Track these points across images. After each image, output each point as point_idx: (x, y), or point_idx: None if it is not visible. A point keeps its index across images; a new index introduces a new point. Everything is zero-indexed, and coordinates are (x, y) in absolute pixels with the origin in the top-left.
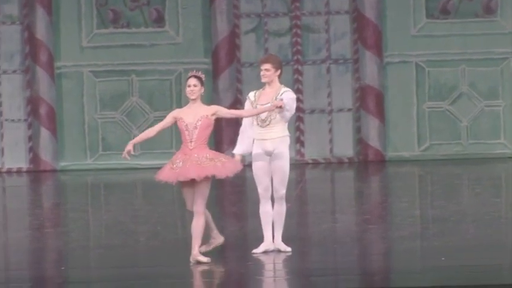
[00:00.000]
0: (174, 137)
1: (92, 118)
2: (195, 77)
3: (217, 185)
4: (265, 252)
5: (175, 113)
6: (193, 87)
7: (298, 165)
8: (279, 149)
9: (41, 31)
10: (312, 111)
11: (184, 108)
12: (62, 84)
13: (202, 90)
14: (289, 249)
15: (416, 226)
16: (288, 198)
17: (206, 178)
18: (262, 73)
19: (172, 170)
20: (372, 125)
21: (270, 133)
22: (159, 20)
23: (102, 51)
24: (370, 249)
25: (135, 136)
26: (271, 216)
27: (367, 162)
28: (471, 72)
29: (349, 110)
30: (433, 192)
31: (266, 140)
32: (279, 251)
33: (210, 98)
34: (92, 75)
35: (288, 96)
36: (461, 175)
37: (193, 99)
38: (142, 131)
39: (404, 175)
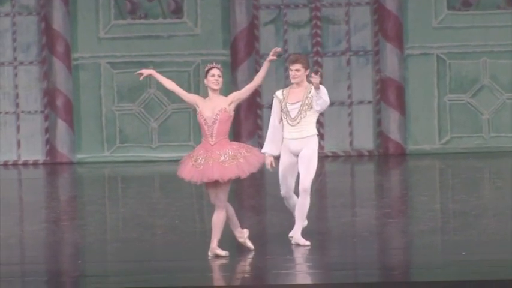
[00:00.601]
0: (192, 129)
1: (109, 110)
2: (218, 68)
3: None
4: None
5: (198, 99)
6: (217, 77)
7: (318, 158)
8: (307, 146)
9: (57, 22)
10: (332, 104)
11: (206, 100)
12: (79, 76)
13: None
14: (308, 243)
15: (436, 220)
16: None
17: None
18: (292, 74)
19: (194, 168)
20: (392, 118)
21: (300, 132)
22: (178, 11)
23: (119, 42)
24: (390, 243)
25: (153, 129)
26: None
27: (388, 156)
28: (493, 65)
29: (369, 102)
30: (453, 186)
31: (295, 140)
32: (298, 245)
33: (228, 89)
34: (110, 66)
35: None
36: (482, 169)
37: (215, 90)
38: (160, 123)
39: (425, 168)
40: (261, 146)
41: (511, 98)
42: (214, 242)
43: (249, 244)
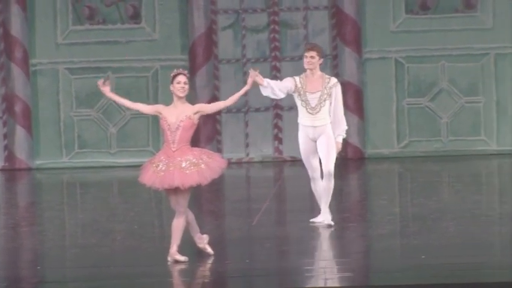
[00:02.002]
0: (150, 135)
1: (67, 116)
2: (184, 74)
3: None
4: (320, 223)
5: (161, 108)
6: (183, 84)
7: (276, 163)
8: (324, 133)
9: (15, 28)
10: (290, 108)
11: (170, 107)
12: (37, 82)
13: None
14: (332, 222)
15: (395, 224)
16: (265, 197)
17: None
18: (307, 60)
19: (156, 174)
20: (350, 122)
21: (319, 120)
22: (135, 17)
23: (77, 48)
24: (349, 247)
25: (111, 134)
26: (323, 192)
27: (346, 160)
28: (451, 68)
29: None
30: (412, 190)
31: (313, 127)
32: (330, 226)
33: (187, 95)
34: (68, 72)
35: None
36: (441, 172)
37: (181, 97)
38: (119, 129)
39: (384, 172)
40: (220, 151)
41: (469, 101)
42: (173, 248)
43: (209, 249)
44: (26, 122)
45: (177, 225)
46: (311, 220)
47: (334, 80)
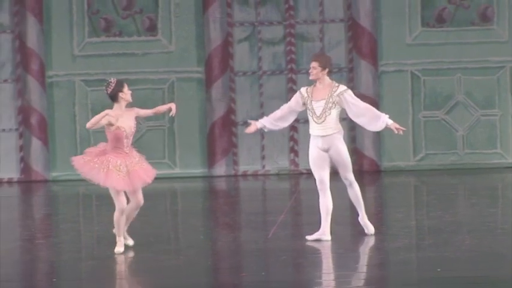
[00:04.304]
0: (166, 147)
1: (83, 128)
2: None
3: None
4: (317, 240)
5: (112, 119)
6: (130, 91)
7: (292, 176)
8: (334, 144)
9: (32, 40)
10: (306, 121)
11: (117, 113)
12: (54, 94)
13: None
14: (373, 231)
15: (411, 237)
16: (281, 209)
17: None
18: (310, 71)
19: (123, 177)
20: (366, 135)
21: (325, 129)
22: (152, 29)
23: (94, 60)
24: (365, 260)
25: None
26: (327, 208)
27: (362, 173)
28: (467, 81)
29: (344, 119)
30: (428, 203)
31: (321, 137)
32: (369, 233)
33: (203, 107)
34: (84, 84)
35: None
36: (457, 185)
37: (129, 103)
38: (135, 141)
39: (400, 185)
40: (236, 163)
41: (485, 114)
42: (122, 239)
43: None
44: (42, 134)
45: (124, 220)
46: (307, 237)
47: (342, 87)
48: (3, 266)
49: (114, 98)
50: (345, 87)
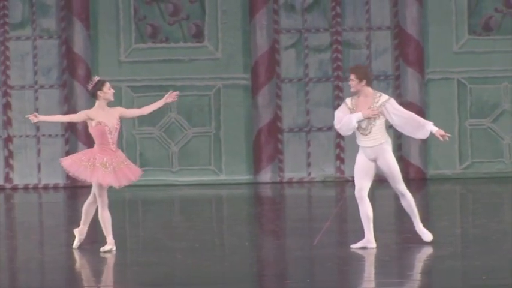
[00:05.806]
0: (212, 153)
1: (130, 134)
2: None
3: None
4: (363, 248)
5: (91, 114)
6: (112, 90)
7: (337, 183)
8: (381, 155)
9: (78, 45)
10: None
11: (99, 111)
12: None
13: None
14: (430, 237)
15: (457, 245)
16: (326, 216)
17: None
18: (349, 83)
19: (109, 174)
20: (413, 143)
21: (372, 141)
22: (199, 35)
23: (140, 66)
24: (410, 268)
25: (173, 152)
26: (367, 216)
27: (408, 180)
28: None
29: (390, 127)
30: (474, 211)
31: (369, 148)
32: (426, 240)
33: (249, 114)
34: (130, 90)
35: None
36: (502, 193)
37: (111, 101)
38: (181, 147)
39: (446, 193)
40: (281, 170)
41: None
42: (110, 237)
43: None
44: (88, 140)
45: (108, 216)
46: (351, 246)
47: (384, 97)
48: (48, 271)
49: (94, 96)
50: (387, 97)
